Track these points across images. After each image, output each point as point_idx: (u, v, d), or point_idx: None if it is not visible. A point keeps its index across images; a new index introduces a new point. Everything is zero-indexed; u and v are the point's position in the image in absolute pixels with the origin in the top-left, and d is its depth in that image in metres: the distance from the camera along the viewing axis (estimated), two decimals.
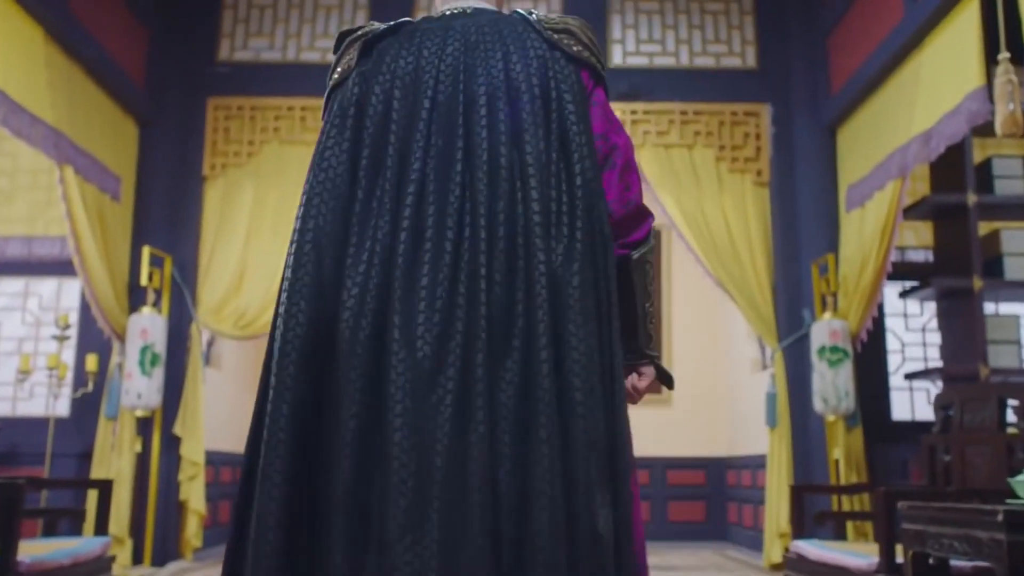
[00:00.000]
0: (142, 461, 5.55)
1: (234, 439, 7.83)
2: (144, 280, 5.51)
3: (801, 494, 3.76)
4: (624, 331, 1.69)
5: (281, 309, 1.63)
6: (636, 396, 1.82)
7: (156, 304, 5.63)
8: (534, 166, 1.61)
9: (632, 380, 1.80)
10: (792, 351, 5.89)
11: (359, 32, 1.81)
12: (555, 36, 1.74)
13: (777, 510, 5.67)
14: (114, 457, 5.38)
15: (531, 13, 1.81)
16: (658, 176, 6.16)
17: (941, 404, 3.32)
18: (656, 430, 8.43)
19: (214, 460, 7.24)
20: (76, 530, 4.71)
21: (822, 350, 5.41)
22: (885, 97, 5.21)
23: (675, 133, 6.21)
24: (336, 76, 1.80)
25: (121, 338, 5.51)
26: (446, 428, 1.46)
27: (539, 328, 1.50)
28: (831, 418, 5.43)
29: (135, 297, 5.68)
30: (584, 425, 1.49)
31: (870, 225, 5.24)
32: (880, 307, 5.45)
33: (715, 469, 8.41)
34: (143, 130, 5.96)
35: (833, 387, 5.32)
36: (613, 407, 1.57)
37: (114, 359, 5.55)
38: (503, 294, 1.53)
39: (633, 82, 6.22)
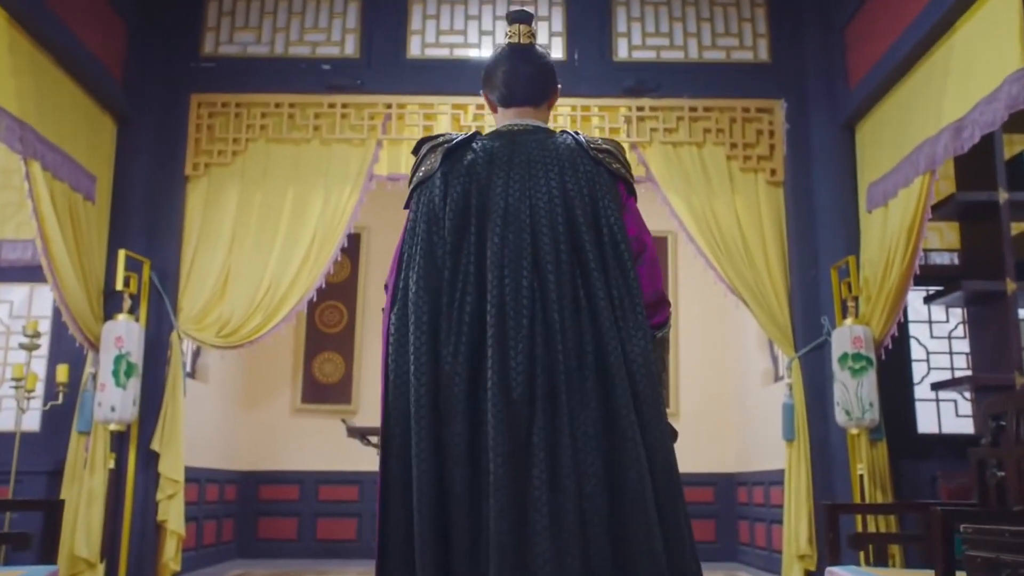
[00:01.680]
0: (117, 479, 5.18)
1: (220, 455, 7.47)
2: (120, 285, 5.16)
3: (836, 514, 3.39)
4: None
5: (408, 366, 2.01)
6: None
7: (133, 311, 5.28)
8: (595, 263, 2.01)
9: None
10: (810, 360, 5.54)
11: (440, 139, 2.19)
12: (599, 155, 2.15)
13: (796, 530, 5.31)
14: (86, 475, 5.02)
15: (578, 134, 2.20)
16: (666, 175, 5.83)
17: (991, 414, 2.97)
18: None
19: (199, 477, 6.88)
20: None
21: (844, 358, 5.06)
22: (910, 87, 4.89)
23: (684, 130, 5.89)
24: (420, 174, 2.16)
25: (95, 347, 5.16)
26: (541, 475, 1.87)
27: (619, 387, 1.92)
28: (854, 431, 5.08)
29: (111, 304, 5.34)
30: (663, 455, 1.96)
31: (894, 224, 4.90)
32: (903, 313, 5.10)
33: (724, 486, 8.04)
34: (121, 127, 5.62)
35: (856, 398, 4.97)
36: (669, 444, 2.03)
37: (87, 370, 5.20)
38: (577, 361, 1.94)
39: (639, 77, 5.89)
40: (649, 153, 5.87)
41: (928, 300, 5.42)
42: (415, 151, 2.24)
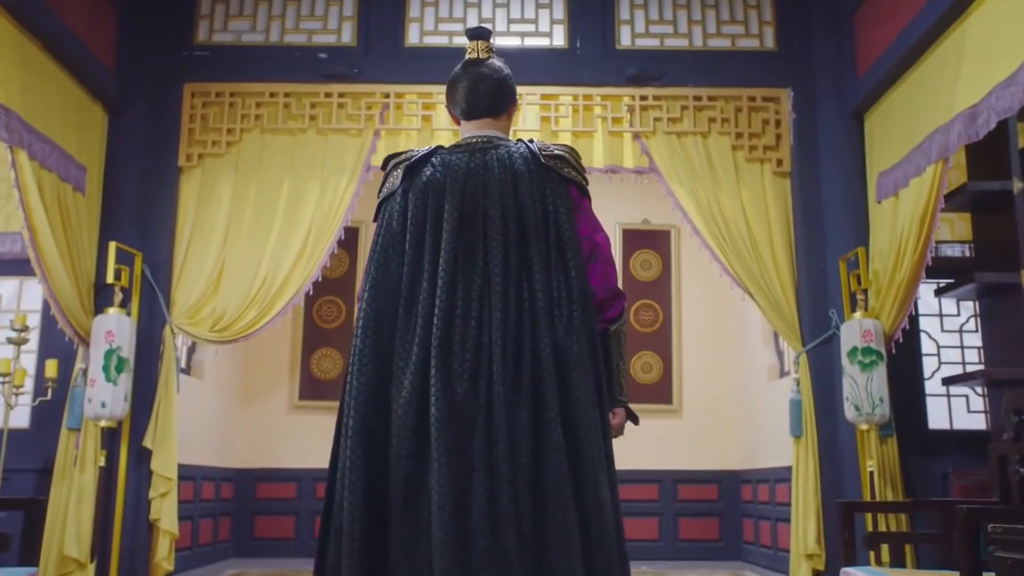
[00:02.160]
0: (108, 477, 5.06)
1: (216, 453, 7.34)
2: (110, 278, 5.03)
3: (850, 512, 3.25)
4: (605, 384, 2.21)
5: (353, 368, 2.14)
6: (613, 431, 2.30)
7: (124, 305, 5.16)
8: (538, 267, 2.13)
9: (609, 418, 2.26)
10: (818, 355, 5.41)
11: (402, 157, 2.33)
12: (551, 161, 2.25)
13: (803, 528, 5.18)
14: (76, 472, 4.90)
15: (531, 141, 2.33)
16: (670, 166, 5.70)
17: (1013, 408, 2.84)
18: (665, 442, 7.95)
19: (194, 475, 6.75)
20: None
21: (853, 352, 4.93)
22: (922, 74, 4.76)
23: (688, 120, 5.75)
24: (385, 190, 2.32)
25: (85, 342, 5.03)
26: (478, 452, 2.01)
27: (547, 382, 2.04)
28: (864, 427, 4.95)
29: (102, 298, 5.21)
30: (587, 443, 2.05)
31: (905, 215, 4.77)
32: (914, 307, 4.97)
33: (729, 483, 7.91)
34: (112, 117, 5.49)
35: (866, 392, 4.84)
36: (604, 434, 2.13)
37: (78, 365, 5.08)
38: (513, 361, 2.06)
39: (643, 65, 5.76)
40: (653, 143, 5.74)
41: (939, 293, 5.30)
42: (383, 167, 2.40)
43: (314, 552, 2.29)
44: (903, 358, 5.13)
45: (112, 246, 5.07)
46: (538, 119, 5.75)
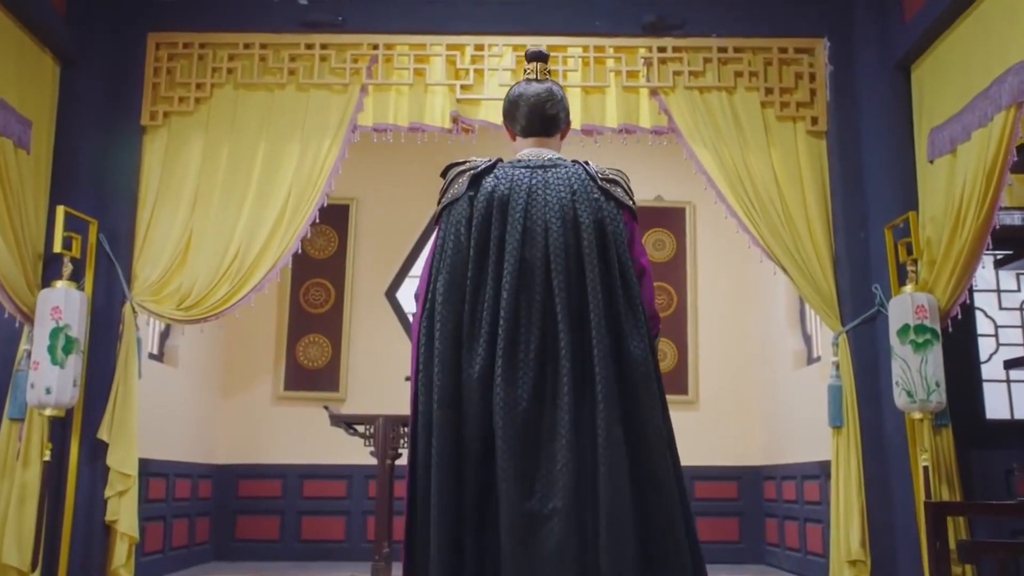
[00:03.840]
0: (56, 473, 4.46)
1: (193, 447, 6.75)
2: (58, 247, 4.43)
3: (943, 516, 2.63)
4: None
5: (429, 368, 2.26)
6: None
7: (76, 278, 4.56)
8: (598, 283, 2.27)
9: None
10: (860, 335, 4.81)
11: (467, 166, 2.45)
12: (607, 185, 2.41)
13: (845, 531, 4.58)
14: (19, 468, 4.30)
15: (588, 164, 2.47)
16: (691, 126, 5.10)
17: None
18: (680, 435, 7.20)
19: (166, 471, 6.17)
20: None
21: (904, 331, 4.32)
22: (983, 14, 4.15)
23: (712, 74, 5.15)
24: (449, 195, 2.42)
25: (30, 320, 4.43)
26: (543, 462, 2.17)
27: (610, 394, 2.19)
28: (917, 415, 4.34)
29: (50, 270, 4.61)
30: (660, 463, 2.28)
31: (966, 173, 4.16)
32: None
33: (750, 480, 7.31)
34: (65, 69, 4.88)
35: (920, 376, 4.23)
36: (671, 443, 2.38)
37: (22, 346, 4.48)
38: (577, 373, 2.21)
39: (661, 12, 5.15)
40: (672, 100, 5.14)
41: (998, 265, 4.69)
42: (443, 175, 2.48)
43: (304, 556, 2.57)
44: (956, 339, 4.52)
45: (60, 211, 4.46)
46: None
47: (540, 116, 2.51)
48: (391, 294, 7.69)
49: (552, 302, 2.24)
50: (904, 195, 4.71)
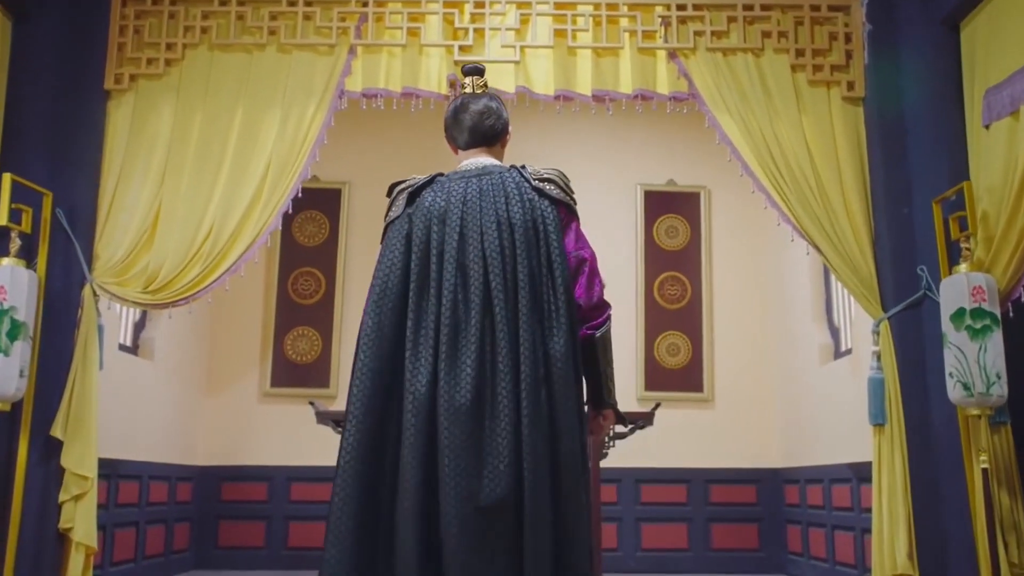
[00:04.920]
0: (2, 474, 3.97)
1: (171, 447, 6.25)
2: (4, 219, 3.94)
3: None
4: (592, 388, 2.51)
5: (354, 380, 2.35)
6: (600, 430, 2.59)
7: (26, 256, 4.07)
8: (524, 279, 2.36)
9: (599, 420, 2.56)
10: (903, 322, 4.32)
11: (404, 184, 2.55)
12: (540, 184, 2.51)
13: (891, 541, 4.08)
14: None
15: (524, 168, 2.56)
16: (714, 91, 4.61)
17: None
18: (695, 436, 6.87)
19: (140, 473, 5.70)
20: None
21: (959, 315, 3.82)
22: None
23: (737, 34, 4.68)
24: (390, 215, 2.52)
25: None
26: (486, 449, 2.26)
27: (540, 388, 2.29)
28: (974, 411, 3.84)
29: None
30: (569, 444, 2.29)
31: None
32: None
33: (769, 484, 6.82)
34: (18, 24, 4.38)
35: (979, 367, 3.73)
36: (582, 439, 2.35)
37: None
38: (512, 368, 2.29)
39: None
40: (693, 63, 4.65)
41: None
42: (388, 194, 2.57)
43: (291, 564, 2.47)
44: (1018, 325, 4.01)
45: (7, 179, 3.97)
46: (551, 34, 4.67)
47: (480, 130, 2.60)
48: None
49: (491, 302, 2.34)
50: (953, 165, 4.22)
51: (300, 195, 6.68)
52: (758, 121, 4.57)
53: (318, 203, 7.19)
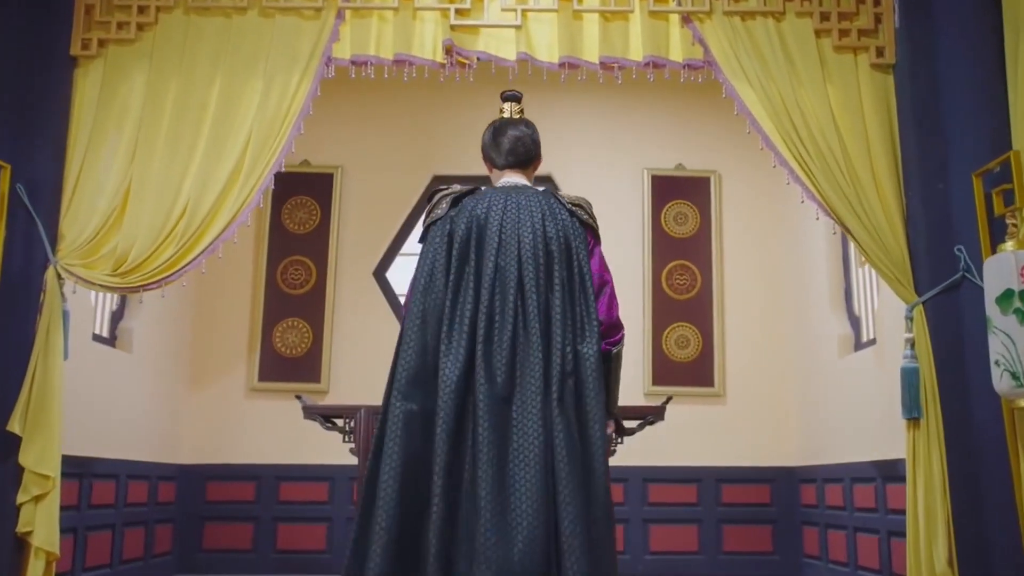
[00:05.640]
0: None
1: (151, 445, 5.91)
2: None
3: None
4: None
5: (399, 361, 2.56)
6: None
7: None
8: (558, 287, 2.61)
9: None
10: (940, 307, 3.96)
11: (448, 191, 2.77)
12: (572, 207, 2.76)
13: (928, 544, 3.73)
14: None
15: (557, 190, 2.93)
16: (731, 58, 4.27)
17: None
18: (705, 433, 6.53)
19: (116, 472, 5.36)
20: None
21: (1007, 298, 3.46)
22: None
23: None
24: (433, 215, 2.73)
25: None
26: (512, 439, 2.45)
27: (568, 381, 2.52)
28: (1022, 403, 3.49)
29: None
30: (597, 431, 2.51)
31: None
32: None
33: (784, 483, 6.47)
34: None
35: None
36: (604, 440, 2.54)
37: None
38: (544, 359, 2.52)
39: None
40: (708, 28, 4.31)
41: None
42: (429, 199, 2.79)
43: (280, 568, 2.90)
44: None
45: None
46: None
47: (516, 153, 2.85)
48: (380, 274, 6.85)
49: (524, 302, 2.56)
50: (995, 135, 3.84)
51: (290, 180, 6.42)
52: (779, 90, 4.22)
53: (309, 188, 6.85)
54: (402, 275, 6.83)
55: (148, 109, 4.20)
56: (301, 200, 6.83)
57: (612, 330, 2.70)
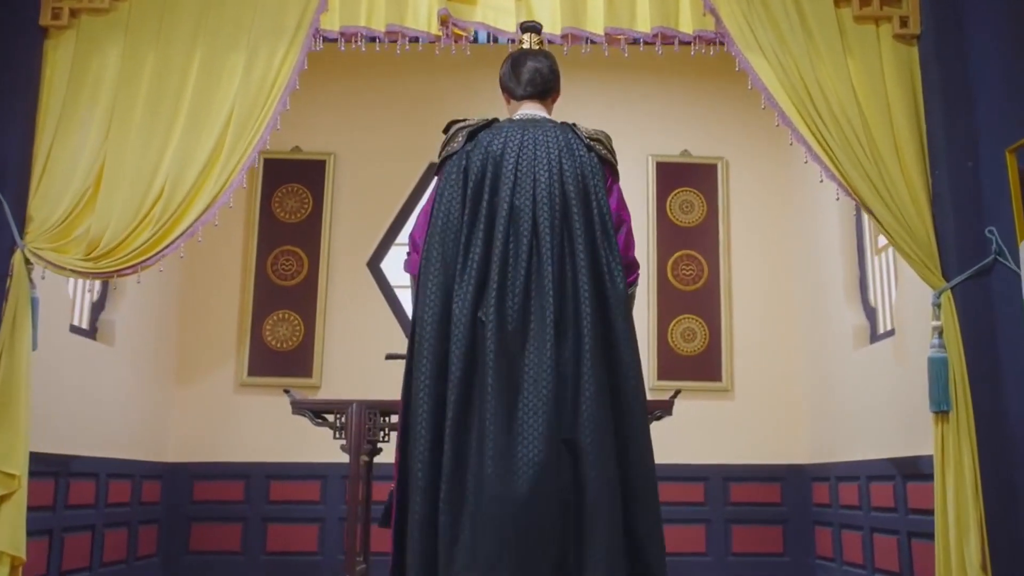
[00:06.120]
0: None
1: (135, 443, 5.65)
2: None
3: None
4: None
5: (423, 298, 2.54)
6: None
7: None
8: (579, 227, 2.56)
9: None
10: (970, 293, 3.71)
11: (464, 124, 2.73)
12: (591, 143, 2.71)
13: (959, 547, 3.48)
14: None
15: (575, 125, 2.77)
16: (745, 30, 4.01)
17: None
18: (713, 429, 6.28)
19: (96, 471, 5.12)
20: None
21: None
22: None
23: None
24: (449, 149, 2.71)
25: None
26: (526, 376, 2.40)
27: (586, 324, 2.46)
28: None
29: None
30: (632, 389, 2.50)
31: None
32: None
33: (795, 482, 6.22)
34: None
35: None
36: (640, 377, 2.54)
37: None
38: (558, 304, 2.47)
39: None
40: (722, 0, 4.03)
41: None
42: (445, 131, 2.75)
43: (271, 570, 2.87)
44: None
45: None
46: None
47: (536, 83, 2.80)
48: (374, 264, 6.59)
49: (538, 244, 2.52)
50: None
51: (280, 167, 6.19)
52: (796, 64, 3.96)
53: (300, 175, 6.59)
54: (397, 266, 6.57)
55: (123, 83, 3.94)
56: (292, 188, 6.57)
57: (628, 269, 2.66)
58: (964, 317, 3.68)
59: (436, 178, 2.73)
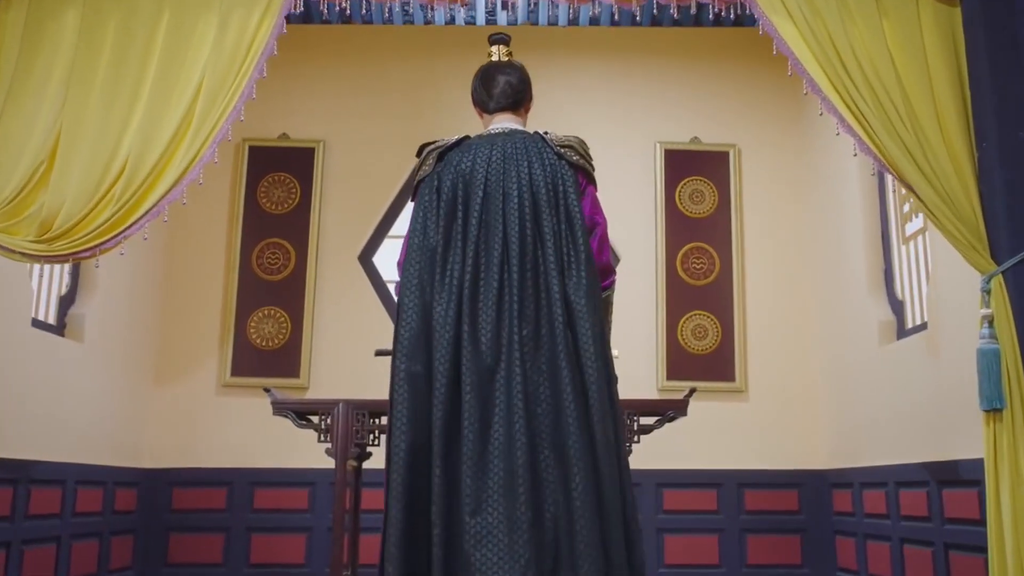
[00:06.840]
0: None
1: (108, 447, 5.27)
2: None
3: None
4: None
5: (402, 319, 2.60)
6: None
7: None
8: (549, 234, 2.60)
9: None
10: (1021, 278, 3.33)
11: (434, 145, 2.80)
12: (561, 150, 2.74)
13: (1016, 557, 3.09)
14: None
15: (546, 133, 2.81)
16: None
17: None
18: (726, 432, 5.90)
19: (63, 477, 4.76)
20: None
21: None
22: None
23: None
24: (421, 173, 2.77)
25: None
26: (499, 389, 2.46)
27: (559, 331, 2.51)
28: None
29: None
30: (597, 390, 2.48)
31: None
32: None
33: (814, 488, 5.84)
34: None
35: None
36: (608, 378, 2.55)
37: None
38: (533, 312, 2.54)
39: None
40: None
41: None
42: (418, 154, 2.82)
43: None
44: None
45: None
46: None
47: (507, 95, 2.84)
48: (366, 258, 6.22)
49: (508, 257, 2.57)
50: None
51: (267, 155, 5.82)
52: (827, 28, 3.59)
53: (287, 164, 6.23)
54: (390, 259, 6.20)
55: (82, 49, 3.57)
56: (279, 177, 6.21)
57: (603, 274, 2.68)
58: (1018, 303, 3.30)
59: (412, 202, 2.79)
